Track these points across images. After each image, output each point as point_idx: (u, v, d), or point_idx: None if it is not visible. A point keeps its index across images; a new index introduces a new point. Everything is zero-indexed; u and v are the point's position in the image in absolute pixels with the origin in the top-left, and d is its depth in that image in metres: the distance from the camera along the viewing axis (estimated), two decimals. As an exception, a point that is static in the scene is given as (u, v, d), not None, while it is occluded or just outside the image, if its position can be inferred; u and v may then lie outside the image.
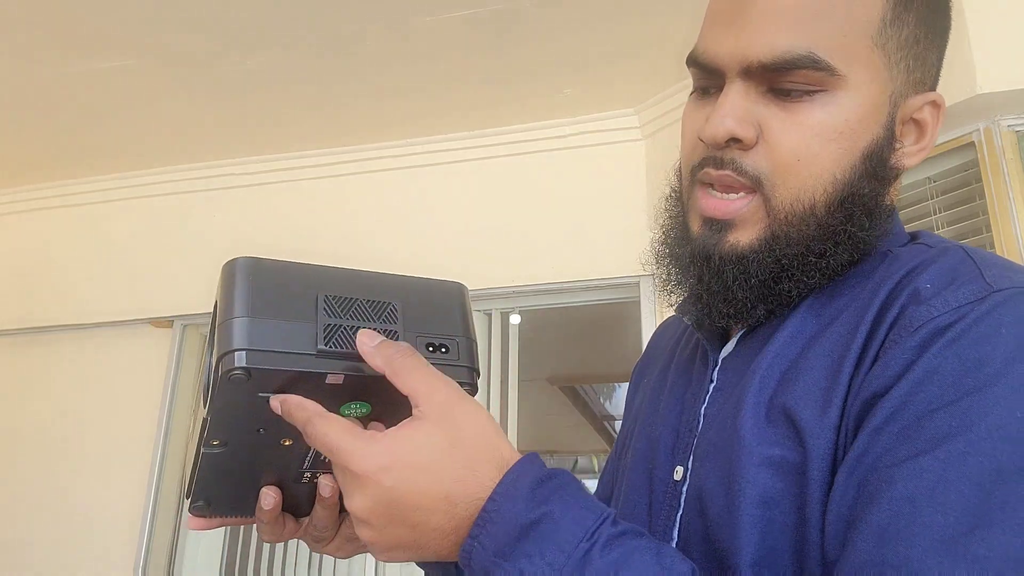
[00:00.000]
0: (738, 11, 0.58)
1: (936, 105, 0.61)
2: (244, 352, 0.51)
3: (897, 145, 0.60)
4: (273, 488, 0.61)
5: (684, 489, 0.60)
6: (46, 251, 3.17)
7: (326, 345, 0.52)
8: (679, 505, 0.59)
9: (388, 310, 0.55)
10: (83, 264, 3.08)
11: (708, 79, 0.61)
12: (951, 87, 1.83)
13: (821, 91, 0.56)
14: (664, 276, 0.65)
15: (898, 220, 0.64)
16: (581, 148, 2.68)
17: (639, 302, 2.48)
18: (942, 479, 0.44)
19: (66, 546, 2.77)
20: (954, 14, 0.66)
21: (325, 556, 2.61)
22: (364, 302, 0.55)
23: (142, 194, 3.09)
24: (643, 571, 0.45)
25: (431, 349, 0.55)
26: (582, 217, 2.60)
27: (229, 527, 2.75)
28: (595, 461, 7.30)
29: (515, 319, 2.72)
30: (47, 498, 2.85)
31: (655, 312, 2.45)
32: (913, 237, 0.63)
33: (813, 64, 0.55)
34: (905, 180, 2.11)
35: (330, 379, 0.52)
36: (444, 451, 0.47)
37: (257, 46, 2.32)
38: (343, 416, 0.54)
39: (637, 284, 2.49)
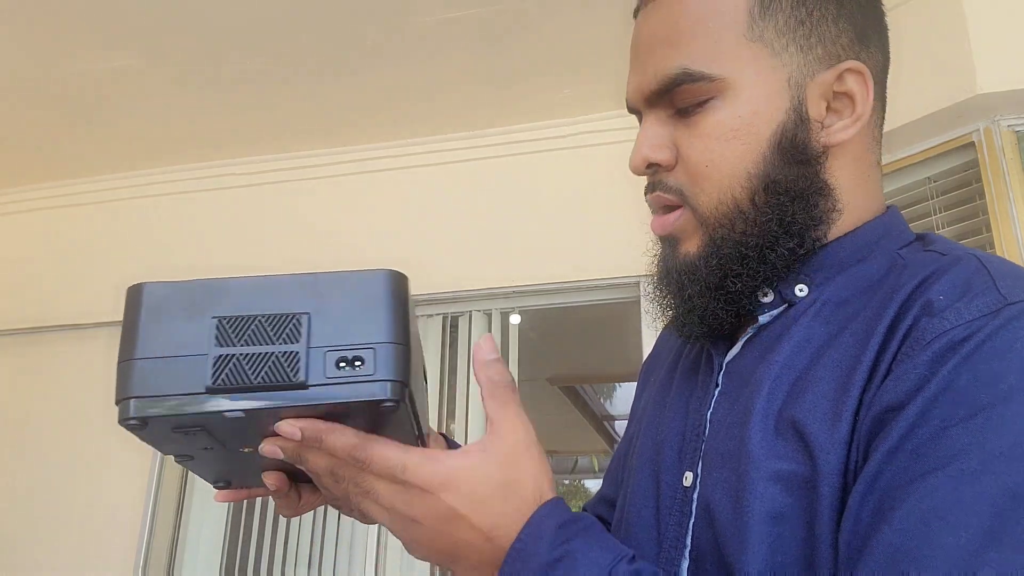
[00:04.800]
0: (634, 55, 0.65)
1: (857, 72, 0.61)
2: (134, 400, 0.47)
3: (819, 124, 0.60)
4: (274, 472, 0.60)
5: (695, 496, 0.59)
6: (46, 251, 3.17)
7: (214, 381, 0.47)
8: (691, 513, 0.59)
9: (291, 326, 0.48)
10: (83, 264, 3.08)
11: (639, 119, 0.66)
12: (951, 87, 1.83)
13: (710, 99, 0.59)
14: (660, 302, 0.68)
15: (899, 217, 0.63)
16: (581, 148, 2.68)
17: (639, 302, 2.48)
18: (956, 498, 0.43)
19: (66, 546, 2.77)
20: (954, 14, 0.65)
21: (325, 555, 2.62)
22: (264, 319, 0.48)
23: (142, 194, 3.09)
24: None
25: (342, 365, 0.47)
26: (582, 217, 2.60)
27: (230, 524, 2.75)
28: (595, 461, 7.30)
29: (515, 319, 2.72)
30: (47, 498, 2.85)
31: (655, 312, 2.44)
32: (919, 238, 0.62)
33: (689, 78, 0.59)
34: (905, 180, 2.12)
35: (230, 415, 0.48)
36: (500, 489, 0.51)
37: (257, 46, 2.32)
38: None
39: (637, 284, 2.49)
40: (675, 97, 0.60)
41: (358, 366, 0.48)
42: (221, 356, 0.47)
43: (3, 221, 3.26)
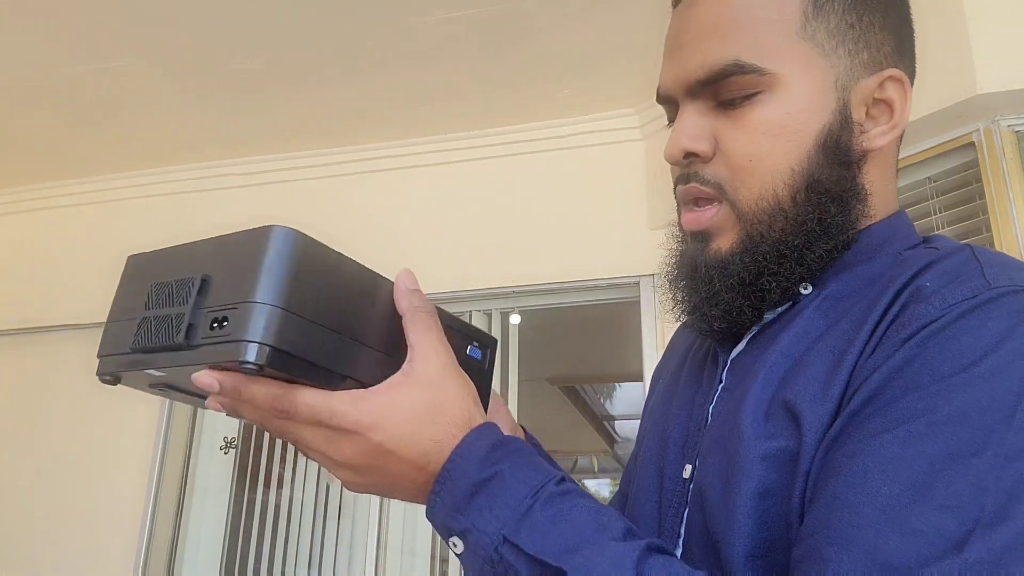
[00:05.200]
0: (676, 43, 0.64)
1: (897, 81, 0.62)
2: (100, 359, 0.54)
3: (863, 127, 0.61)
4: None
5: (691, 487, 0.60)
6: (46, 251, 3.17)
7: (133, 343, 0.51)
8: (687, 502, 0.60)
9: (187, 288, 0.50)
10: (83, 264, 3.08)
11: (671, 110, 0.65)
12: (951, 87, 1.83)
13: (759, 93, 0.59)
14: (674, 296, 0.67)
15: (907, 220, 0.65)
16: (581, 148, 2.68)
17: (639, 302, 2.48)
18: (897, 455, 0.46)
19: (66, 546, 2.77)
20: (954, 14, 0.65)
21: (325, 555, 2.62)
22: (175, 284, 0.51)
23: (142, 194, 3.09)
24: (578, 524, 0.49)
25: (215, 326, 0.48)
26: (582, 217, 2.60)
27: (230, 524, 2.75)
28: (595, 461, 7.30)
29: (515, 319, 2.72)
30: (47, 498, 2.85)
31: (655, 312, 2.45)
32: (926, 240, 0.63)
33: (740, 69, 0.59)
34: (905, 180, 2.12)
35: (154, 372, 0.52)
36: (428, 413, 0.53)
37: (257, 46, 2.32)
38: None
39: (637, 284, 2.49)
40: (721, 88, 0.60)
41: (222, 327, 0.48)
42: (142, 319, 0.51)
43: (3, 221, 3.26)
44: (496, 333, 2.67)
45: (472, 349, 0.60)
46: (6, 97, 2.58)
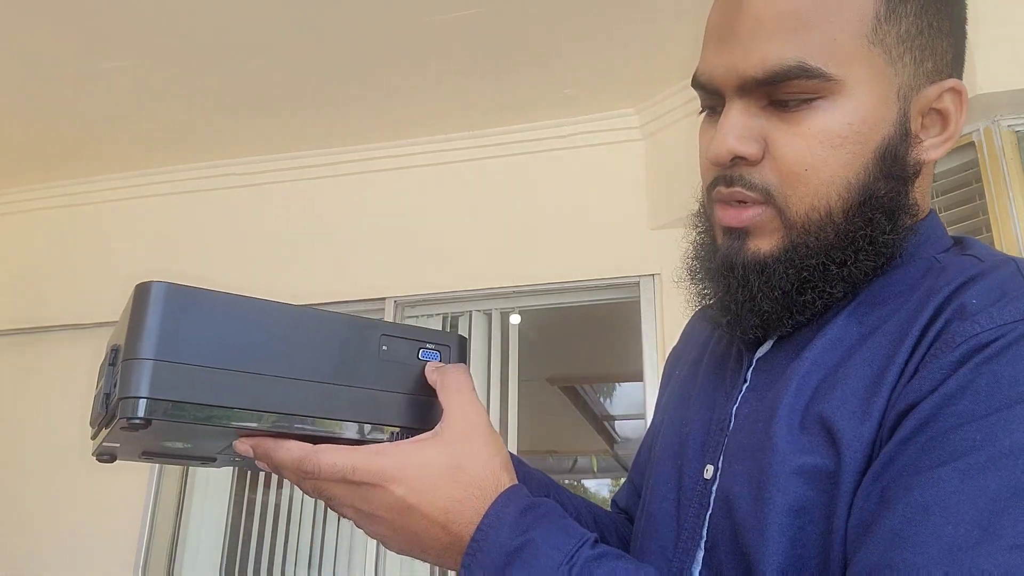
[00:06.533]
0: (729, 29, 0.58)
1: (956, 92, 0.59)
2: (92, 442, 0.58)
3: (917, 139, 0.58)
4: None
5: (714, 489, 0.59)
6: (46, 251, 3.17)
7: (90, 420, 0.54)
8: (709, 504, 0.59)
9: (106, 362, 0.51)
10: (83, 264, 3.07)
11: (711, 99, 0.61)
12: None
13: (819, 98, 0.55)
14: (699, 291, 0.65)
15: (938, 222, 0.63)
16: (581, 148, 2.68)
17: (639, 302, 2.48)
18: (958, 490, 0.44)
19: (66, 546, 2.77)
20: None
21: (325, 555, 2.62)
22: (103, 360, 0.52)
23: (142, 194, 3.09)
24: None
25: (116, 390, 0.49)
26: (582, 217, 2.60)
27: (230, 524, 2.75)
28: (595, 461, 7.29)
29: (515, 319, 2.72)
30: (47, 498, 2.85)
31: (655, 312, 2.45)
32: (957, 242, 0.61)
33: (805, 73, 0.55)
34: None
35: (111, 444, 0.54)
36: (449, 471, 0.52)
37: (257, 46, 2.32)
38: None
39: (637, 284, 2.49)
40: (779, 89, 0.56)
41: (115, 390, 0.49)
42: (93, 399, 0.53)
43: (3, 221, 3.26)
44: (496, 333, 2.67)
45: (425, 352, 0.59)
46: (6, 97, 2.58)
